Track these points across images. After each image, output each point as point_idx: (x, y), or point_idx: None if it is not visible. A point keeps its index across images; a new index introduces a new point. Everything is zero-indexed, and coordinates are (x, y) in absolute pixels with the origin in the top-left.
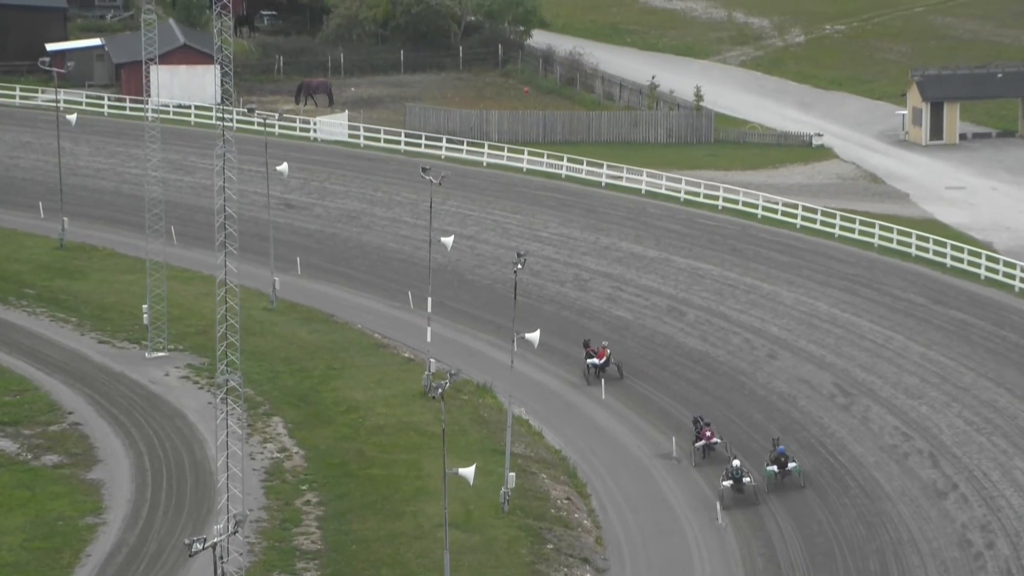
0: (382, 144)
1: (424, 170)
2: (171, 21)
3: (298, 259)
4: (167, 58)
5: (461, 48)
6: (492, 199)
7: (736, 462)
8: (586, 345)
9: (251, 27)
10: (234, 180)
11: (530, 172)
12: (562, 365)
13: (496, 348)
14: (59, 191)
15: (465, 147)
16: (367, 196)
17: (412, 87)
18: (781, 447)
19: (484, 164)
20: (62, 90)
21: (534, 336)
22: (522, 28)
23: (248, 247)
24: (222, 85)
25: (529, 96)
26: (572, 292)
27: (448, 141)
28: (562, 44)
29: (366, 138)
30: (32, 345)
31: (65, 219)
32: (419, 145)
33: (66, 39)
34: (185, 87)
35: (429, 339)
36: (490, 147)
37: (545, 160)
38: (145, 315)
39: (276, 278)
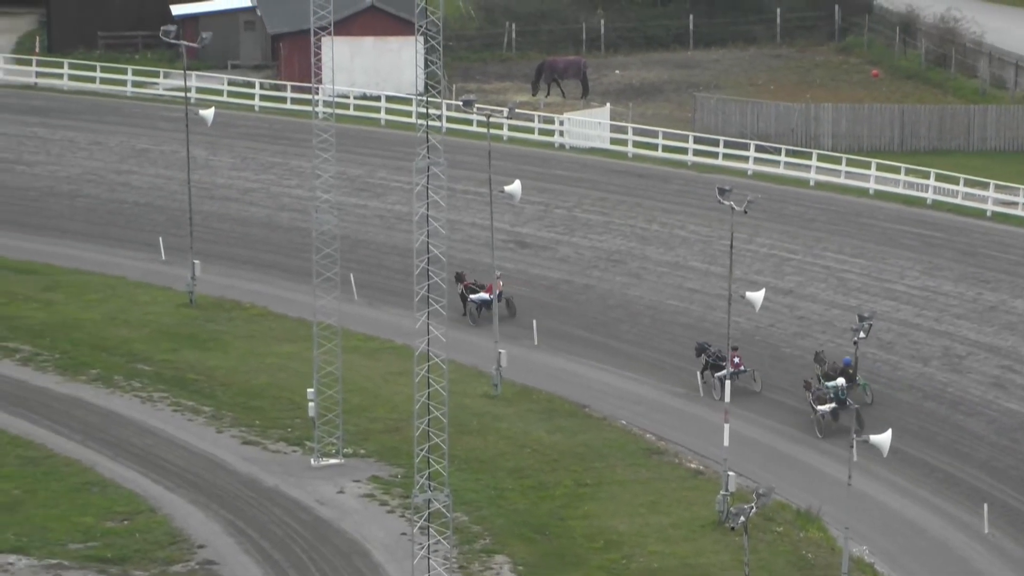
0: (660, 154)
1: (722, 192)
2: None
3: (534, 323)
4: (347, 26)
5: (779, 11)
6: (822, 235)
7: (841, 380)
8: (460, 279)
9: None
10: (442, 206)
11: (879, 195)
12: (926, 482)
13: (826, 456)
14: (188, 222)
15: (783, 158)
16: (637, 230)
17: (705, 69)
18: (847, 358)
19: (811, 183)
20: (193, 74)
21: (883, 440)
22: None
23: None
24: (426, 66)
25: (880, 82)
26: (941, 374)
27: (758, 149)
28: (930, 5)
29: (636, 144)
30: (147, 446)
31: (196, 263)
32: (715, 155)
33: None
34: (372, 69)
35: (727, 442)
36: (820, 158)
37: (902, 177)
38: (311, 404)
39: (502, 350)
